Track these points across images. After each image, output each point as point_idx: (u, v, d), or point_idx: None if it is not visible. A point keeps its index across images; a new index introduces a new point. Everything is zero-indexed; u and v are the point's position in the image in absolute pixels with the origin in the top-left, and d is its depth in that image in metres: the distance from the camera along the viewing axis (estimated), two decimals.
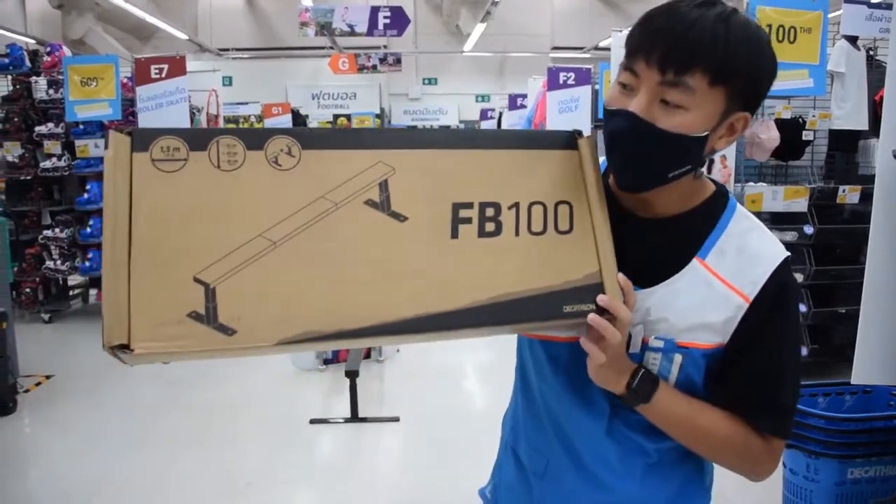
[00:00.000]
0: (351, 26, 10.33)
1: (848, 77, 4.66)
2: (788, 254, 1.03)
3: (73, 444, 3.95)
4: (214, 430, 4.09)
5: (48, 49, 6.69)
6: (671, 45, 0.92)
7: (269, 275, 0.88)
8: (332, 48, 14.02)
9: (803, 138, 4.61)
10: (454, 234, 0.98)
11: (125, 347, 0.82)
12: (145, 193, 0.86)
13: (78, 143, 6.55)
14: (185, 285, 0.85)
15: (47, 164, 6.62)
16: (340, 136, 0.98)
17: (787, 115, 4.55)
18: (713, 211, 1.06)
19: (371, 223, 0.94)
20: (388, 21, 10.27)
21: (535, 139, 1.07)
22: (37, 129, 6.65)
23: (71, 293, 7.16)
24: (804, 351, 4.61)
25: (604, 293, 1.00)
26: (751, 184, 4.61)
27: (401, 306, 0.92)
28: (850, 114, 4.66)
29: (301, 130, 0.95)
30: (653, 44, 0.93)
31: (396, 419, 4.12)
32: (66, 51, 6.74)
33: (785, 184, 4.77)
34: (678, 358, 1.04)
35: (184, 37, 14.46)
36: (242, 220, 0.89)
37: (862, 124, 4.66)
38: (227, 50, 15.88)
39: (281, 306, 0.88)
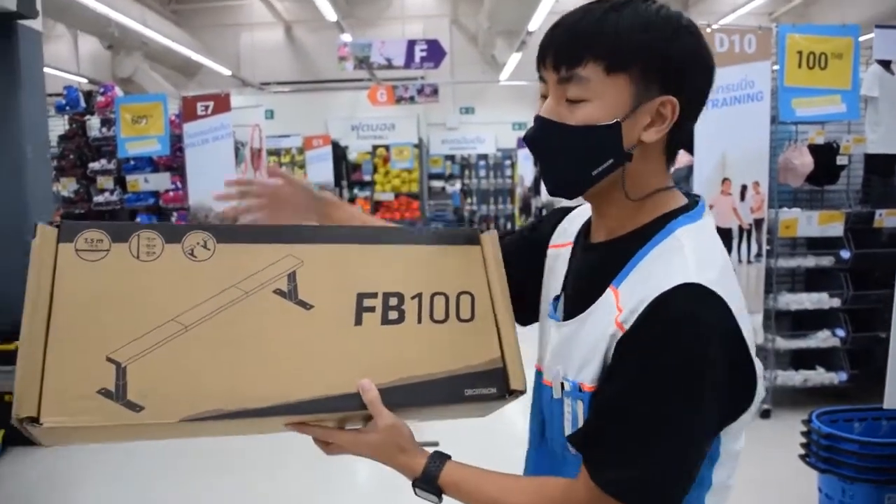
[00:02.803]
0: (388, 60, 10.58)
1: (881, 101, 4.68)
2: (689, 280, 0.85)
3: (126, 466, 4.10)
4: (252, 456, 4.21)
5: (102, 90, 6.99)
6: (560, 42, 0.93)
7: (179, 356, 0.94)
8: (370, 80, 14.32)
9: (837, 163, 4.63)
10: (358, 322, 1.03)
11: (34, 420, 0.87)
12: (66, 279, 0.94)
13: (129, 178, 6.81)
14: (97, 363, 0.91)
15: (100, 198, 6.89)
16: (253, 231, 1.06)
17: (820, 140, 4.58)
18: (652, 231, 0.95)
19: (278, 311, 1.01)
20: (424, 54, 10.49)
21: (439, 236, 1.13)
22: (90, 165, 6.93)
23: None
24: (844, 376, 4.58)
25: (507, 378, 1.05)
26: (785, 209, 4.64)
27: (303, 387, 0.98)
28: (884, 137, 4.67)
29: (217, 226, 1.04)
30: (547, 45, 0.95)
31: (436, 444, 4.17)
32: (118, 91, 7.03)
33: (821, 209, 4.78)
34: (582, 406, 0.93)
35: (227, 72, 14.89)
36: (157, 306, 0.96)
37: None
38: (268, 84, 16.30)
39: (188, 385, 0.94)
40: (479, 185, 15.93)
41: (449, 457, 1.00)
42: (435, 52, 10.52)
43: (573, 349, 0.95)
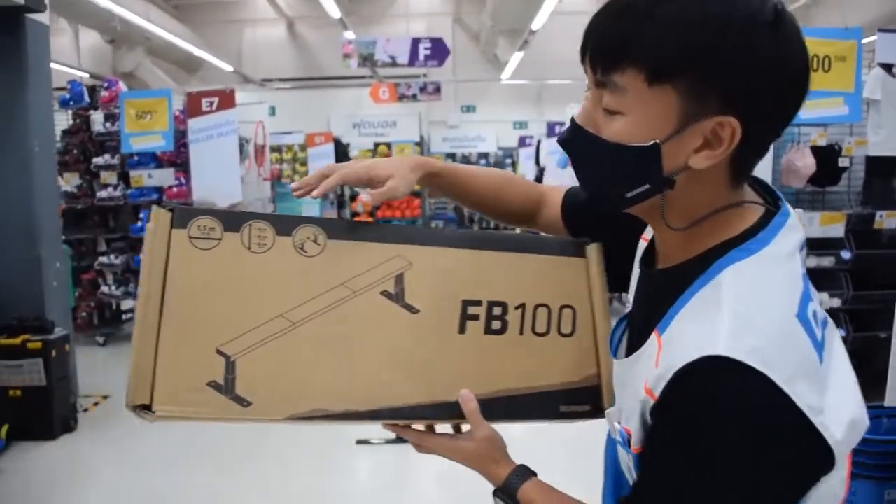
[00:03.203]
0: (392, 58, 10.60)
1: (884, 104, 4.71)
2: (715, 353, 0.70)
3: (130, 461, 4.15)
4: (264, 450, 4.24)
5: (105, 84, 7.01)
6: (597, 38, 0.77)
7: (287, 353, 0.95)
8: (372, 77, 14.34)
9: (839, 165, 4.67)
10: (462, 330, 1.03)
11: (147, 408, 0.90)
12: (180, 267, 0.94)
13: (133, 173, 6.83)
14: (207, 355, 0.93)
15: (103, 193, 6.91)
16: (364, 229, 1.04)
17: (822, 142, 4.61)
18: (697, 269, 0.79)
19: (385, 313, 1.00)
20: (428, 52, 10.52)
21: (546, 245, 1.11)
22: (94, 160, 6.95)
23: (123, 317, 7.43)
24: None
25: (601, 396, 1.04)
26: None
27: (406, 393, 0.99)
28: (886, 140, 4.70)
29: (328, 221, 1.01)
30: (587, 35, 0.78)
31: None
32: (123, 86, 7.05)
33: (822, 210, 4.81)
34: (632, 459, 0.83)
35: (229, 68, 14.90)
36: (266, 300, 0.96)
37: None
38: (270, 80, 16.31)
39: (294, 383, 0.95)
40: None
41: (534, 474, 0.97)
42: (439, 51, 10.55)
43: (626, 391, 0.85)
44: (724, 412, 0.69)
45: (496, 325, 1.04)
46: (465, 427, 1.02)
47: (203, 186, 6.59)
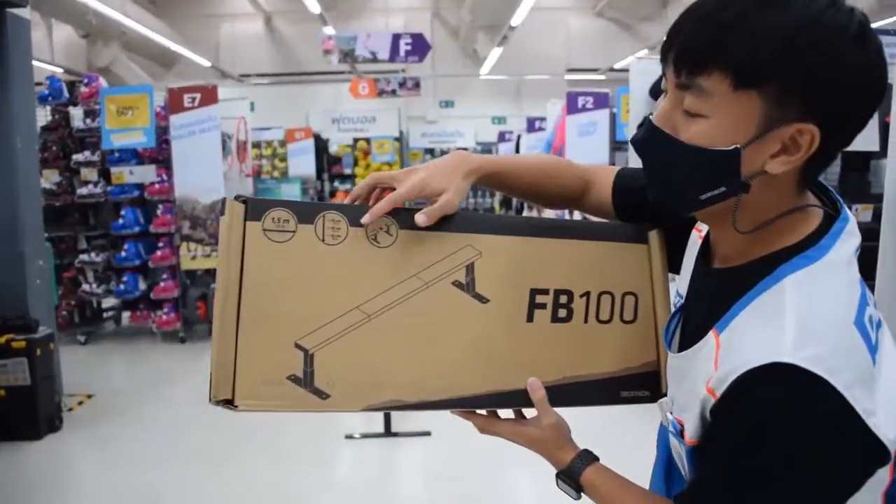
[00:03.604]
0: (373, 53, 10.62)
1: None
2: (781, 360, 0.72)
3: (116, 460, 4.14)
4: (251, 446, 4.25)
5: (86, 80, 6.94)
6: (683, 39, 0.78)
7: (363, 345, 0.96)
8: (350, 73, 14.32)
9: None
10: (530, 318, 1.04)
11: (229, 402, 0.92)
12: (256, 261, 0.94)
13: (113, 170, 6.77)
14: (286, 349, 0.94)
15: (84, 190, 6.84)
16: None
17: None
18: (759, 273, 0.81)
19: (456, 303, 1.01)
20: (409, 48, 10.55)
21: (609, 231, 1.12)
22: (74, 157, 6.88)
23: (104, 315, 7.38)
24: None
25: (659, 382, 1.07)
26: None
27: (477, 383, 1.01)
28: (862, 135, 4.79)
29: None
30: (672, 38, 0.79)
31: (428, 433, 4.26)
32: (103, 81, 6.99)
33: None
34: (685, 450, 0.86)
35: (207, 63, 14.81)
36: (341, 293, 0.97)
37: (873, 145, 4.79)
38: (248, 76, 16.23)
39: (371, 375, 0.97)
40: None
41: (597, 458, 1.00)
42: (420, 46, 10.58)
43: (682, 384, 0.88)
44: (792, 419, 0.72)
45: (562, 313, 1.06)
46: (529, 411, 1.04)
47: (185, 183, 6.57)
